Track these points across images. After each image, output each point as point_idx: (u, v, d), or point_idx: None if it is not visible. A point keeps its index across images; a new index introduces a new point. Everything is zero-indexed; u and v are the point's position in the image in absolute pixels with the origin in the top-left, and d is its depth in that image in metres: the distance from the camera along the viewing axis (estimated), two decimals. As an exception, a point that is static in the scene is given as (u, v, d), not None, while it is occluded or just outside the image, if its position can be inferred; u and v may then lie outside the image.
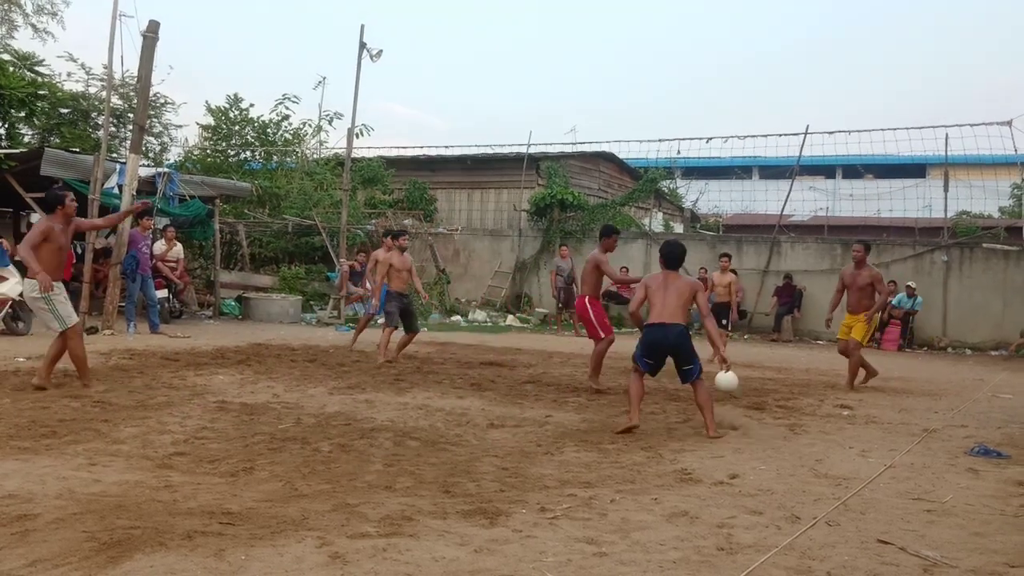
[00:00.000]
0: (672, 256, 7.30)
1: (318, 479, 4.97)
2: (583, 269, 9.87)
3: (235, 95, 23.98)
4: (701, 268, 18.55)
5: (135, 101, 15.90)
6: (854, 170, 35.73)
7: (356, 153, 22.37)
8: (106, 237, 16.07)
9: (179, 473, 5.00)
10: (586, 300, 9.41)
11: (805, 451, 6.32)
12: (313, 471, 5.15)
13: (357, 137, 20.97)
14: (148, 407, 7.08)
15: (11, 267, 12.33)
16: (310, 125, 25.36)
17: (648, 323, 7.11)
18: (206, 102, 28.25)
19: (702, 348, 7.93)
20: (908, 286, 17.52)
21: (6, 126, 17.92)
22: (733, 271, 14.76)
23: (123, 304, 13.53)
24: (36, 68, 19.35)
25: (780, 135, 22.64)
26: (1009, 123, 17.64)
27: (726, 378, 7.37)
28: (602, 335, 9.32)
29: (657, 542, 4.00)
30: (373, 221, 21.63)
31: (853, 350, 10.31)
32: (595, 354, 9.35)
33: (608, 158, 25.95)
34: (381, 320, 12.34)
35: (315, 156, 25.17)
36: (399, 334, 11.56)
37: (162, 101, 21.03)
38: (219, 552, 3.59)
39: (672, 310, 7.03)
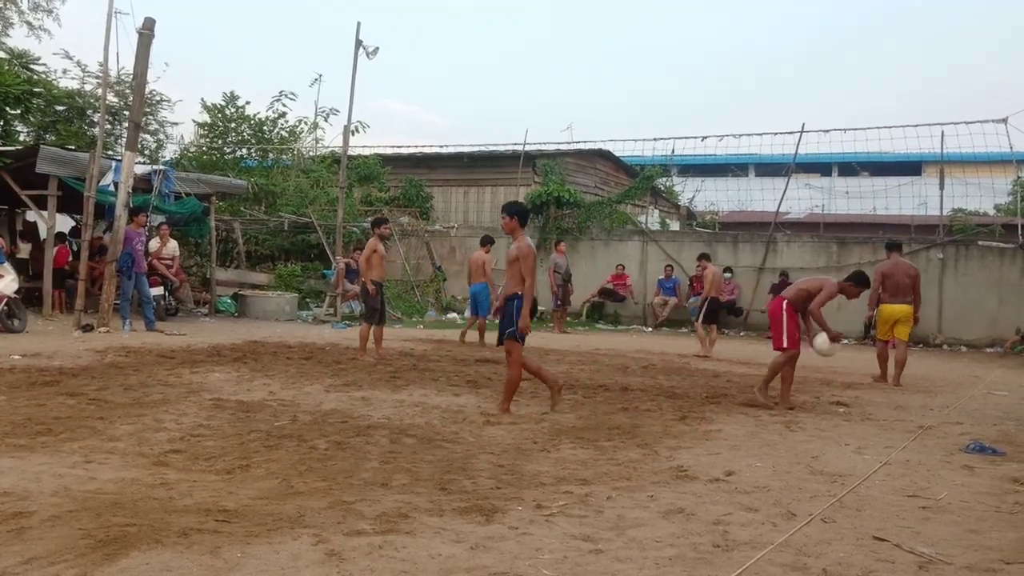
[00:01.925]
0: (528, 214, 7.80)
1: (314, 476, 4.97)
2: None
3: (231, 92, 23.96)
4: (698, 266, 18.52)
5: (131, 98, 15.87)
6: (850, 168, 35.74)
7: (352, 151, 22.34)
8: (103, 232, 16.05)
9: (175, 470, 4.99)
10: (783, 303, 8.56)
11: (801, 448, 6.33)
12: (309, 468, 5.15)
13: (353, 134, 20.96)
14: (144, 405, 7.07)
15: (6, 264, 12.32)
16: (306, 122, 25.35)
17: (526, 294, 7.31)
18: (202, 99, 28.24)
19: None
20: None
21: (2, 124, 17.86)
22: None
23: (119, 302, 13.51)
24: (31, 65, 19.29)
25: (776, 133, 22.60)
26: (1005, 120, 17.63)
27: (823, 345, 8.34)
28: (785, 344, 8.46)
29: (653, 539, 4.00)
30: (369, 219, 21.58)
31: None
32: (773, 365, 8.61)
33: (604, 156, 25.92)
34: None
35: (311, 153, 25.13)
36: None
37: (158, 98, 20.99)
38: (215, 549, 3.59)
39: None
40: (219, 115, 23.80)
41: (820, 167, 36.92)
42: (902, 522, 4.45)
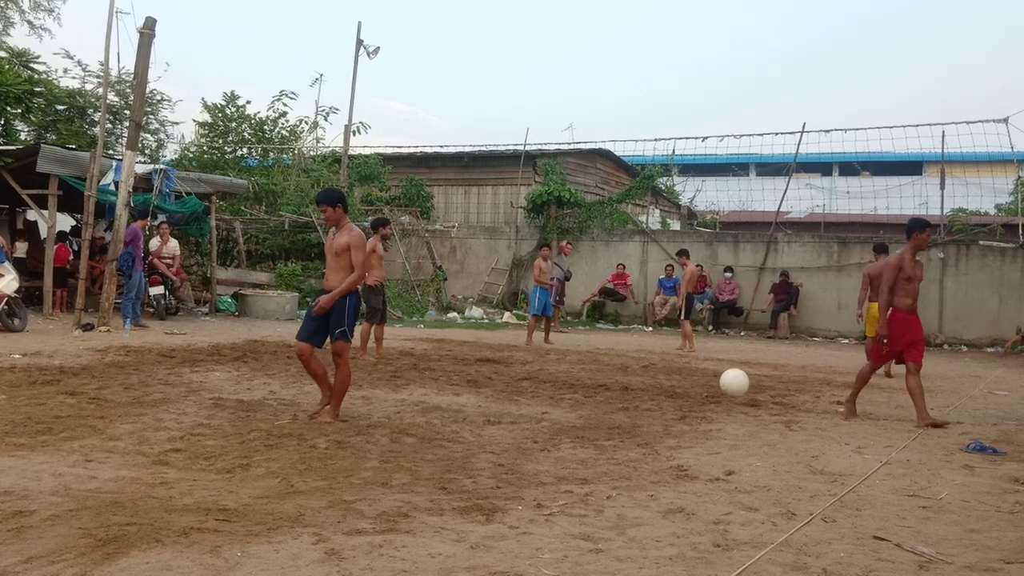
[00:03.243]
0: (332, 198, 6.83)
1: (314, 476, 4.97)
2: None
3: (232, 92, 23.96)
4: (698, 265, 18.53)
5: (131, 98, 15.86)
6: (851, 167, 35.70)
7: (353, 150, 22.36)
8: (104, 231, 16.05)
9: (175, 470, 4.99)
10: (897, 314, 7.83)
11: (801, 448, 6.33)
12: (309, 468, 5.15)
13: (354, 134, 20.98)
14: (144, 404, 7.07)
15: (7, 264, 12.32)
16: (307, 122, 25.34)
17: (351, 284, 6.71)
18: (203, 99, 28.20)
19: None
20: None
21: (2, 123, 17.86)
22: (700, 265, 16.32)
23: (119, 301, 13.51)
24: (32, 65, 19.30)
25: (776, 133, 22.59)
26: (1005, 120, 17.62)
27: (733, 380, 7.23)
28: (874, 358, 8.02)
29: (653, 538, 4.00)
30: (370, 218, 21.59)
31: None
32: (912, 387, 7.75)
33: (605, 155, 25.94)
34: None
35: (312, 153, 25.14)
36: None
37: (159, 98, 20.99)
38: (215, 549, 3.58)
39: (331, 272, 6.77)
40: (220, 115, 23.79)
41: (821, 167, 36.90)
42: (902, 522, 4.45)
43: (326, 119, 25.38)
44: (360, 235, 6.80)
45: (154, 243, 15.43)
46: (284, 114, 24.42)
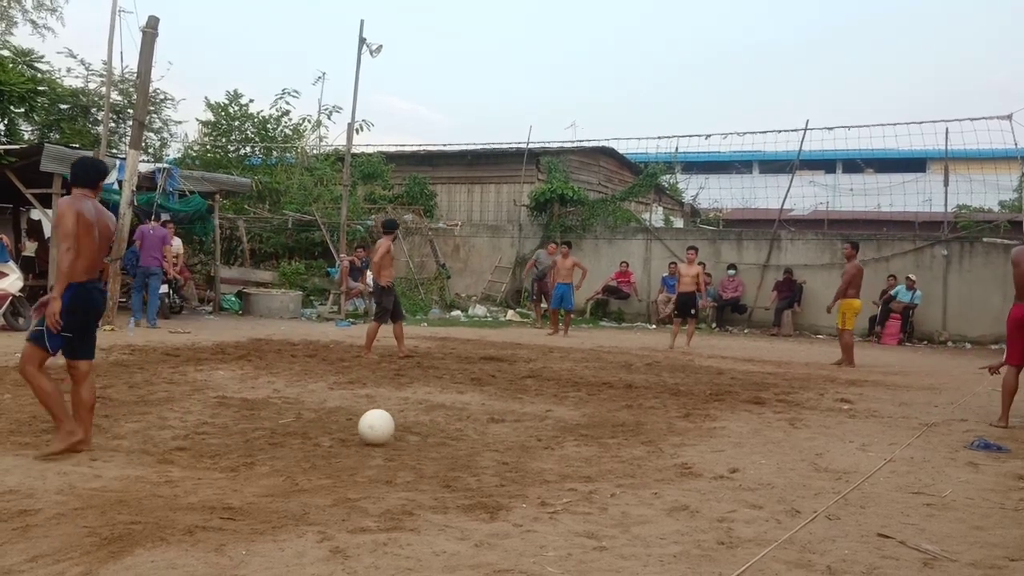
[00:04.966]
0: (91, 170, 5.46)
1: (319, 474, 4.97)
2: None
3: (235, 91, 23.96)
4: (700, 263, 18.52)
5: (135, 97, 15.89)
6: (854, 164, 35.63)
7: (356, 148, 22.34)
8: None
9: (180, 468, 5.00)
10: None
11: (805, 445, 6.33)
12: (314, 466, 5.16)
13: (357, 132, 20.93)
14: (148, 402, 7.09)
15: (11, 263, 12.35)
16: (309, 120, 25.36)
17: (80, 281, 5.24)
18: (205, 98, 28.32)
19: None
20: (908, 278, 17.52)
21: (6, 122, 17.90)
22: (702, 263, 16.03)
23: (123, 300, 13.53)
24: (35, 64, 19.33)
25: (780, 131, 22.52)
26: (1009, 117, 17.55)
27: (374, 422, 5.81)
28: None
29: (657, 536, 4.00)
30: (373, 216, 21.61)
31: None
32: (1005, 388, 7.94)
33: (608, 153, 25.91)
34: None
35: (315, 151, 25.15)
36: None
37: (162, 97, 21.02)
38: (220, 547, 3.59)
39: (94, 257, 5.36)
40: (223, 113, 23.81)
41: (824, 164, 36.80)
42: (906, 519, 4.45)
43: (329, 118, 25.42)
44: (61, 204, 5.29)
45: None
46: (287, 112, 24.46)
